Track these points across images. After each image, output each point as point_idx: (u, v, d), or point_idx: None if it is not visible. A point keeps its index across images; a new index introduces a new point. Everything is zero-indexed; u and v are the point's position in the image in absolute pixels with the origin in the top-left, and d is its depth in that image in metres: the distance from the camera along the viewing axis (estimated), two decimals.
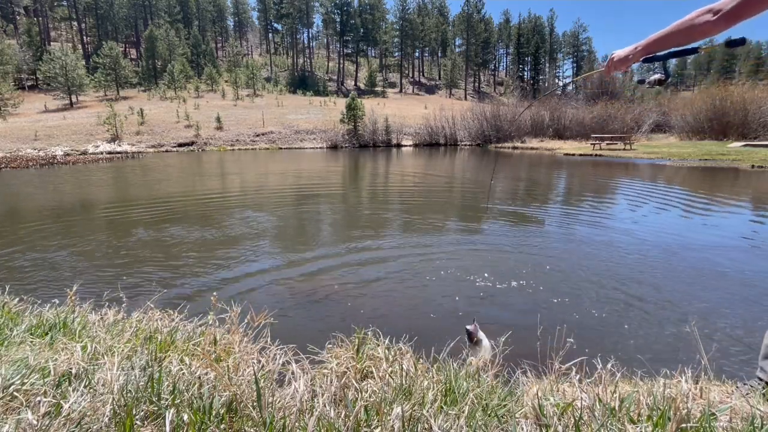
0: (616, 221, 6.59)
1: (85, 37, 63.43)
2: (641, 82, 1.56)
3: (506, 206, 8.16)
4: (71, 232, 6.10)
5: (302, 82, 65.46)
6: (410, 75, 78.71)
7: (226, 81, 57.04)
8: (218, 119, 34.23)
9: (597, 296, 3.53)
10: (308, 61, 75.43)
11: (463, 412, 1.17)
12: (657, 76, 1.45)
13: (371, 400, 1.22)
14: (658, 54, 1.38)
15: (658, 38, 1.33)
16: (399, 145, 33.73)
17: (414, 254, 4.76)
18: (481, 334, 2.54)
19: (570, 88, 76.25)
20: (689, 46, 1.31)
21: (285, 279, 3.95)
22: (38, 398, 1.13)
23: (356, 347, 1.70)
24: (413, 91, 71.15)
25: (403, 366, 1.49)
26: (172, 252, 4.98)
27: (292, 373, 1.41)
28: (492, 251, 4.92)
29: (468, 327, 2.56)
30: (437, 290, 3.65)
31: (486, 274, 4.01)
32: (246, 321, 2.08)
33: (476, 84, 78.59)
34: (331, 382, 1.37)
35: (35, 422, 1.02)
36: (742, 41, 1.27)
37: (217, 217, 7.16)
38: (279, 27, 78.12)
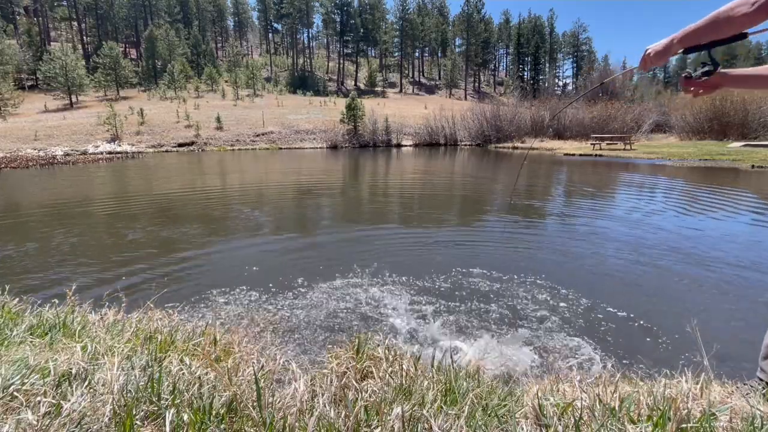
0: (616, 220, 6.59)
1: (85, 37, 63.41)
2: (688, 78, 1.40)
3: (510, 205, 8.16)
4: (71, 231, 6.10)
5: (302, 82, 65.42)
6: (410, 75, 78.68)
7: (226, 81, 57.01)
8: (218, 119, 34.21)
9: (596, 295, 3.53)
10: (308, 61, 75.40)
11: (463, 412, 1.17)
12: (705, 69, 1.33)
13: (371, 400, 1.22)
14: (700, 44, 1.27)
15: (695, 30, 1.25)
16: (399, 145, 33.73)
17: (414, 252, 4.76)
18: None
19: (570, 87, 76.22)
20: (736, 33, 1.19)
21: (286, 279, 3.95)
22: (38, 398, 1.13)
23: (356, 347, 1.70)
24: (413, 91, 71.13)
25: (403, 366, 1.49)
26: (171, 252, 4.98)
27: (292, 373, 1.41)
28: (489, 254, 4.92)
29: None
30: (438, 291, 3.65)
31: (483, 277, 4.01)
32: (246, 321, 2.08)
33: (476, 84, 78.58)
34: (331, 382, 1.37)
35: (35, 422, 1.02)
36: None
37: (217, 216, 7.17)
38: (279, 27, 78.12)
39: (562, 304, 3.36)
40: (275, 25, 78.67)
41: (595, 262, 4.50)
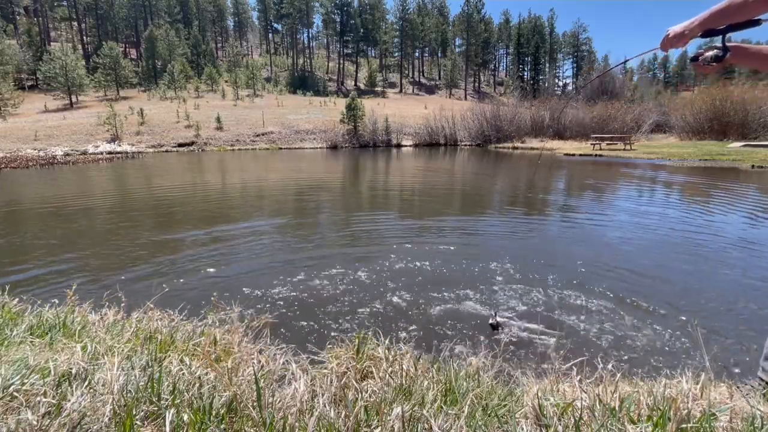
0: (616, 219, 6.59)
1: (85, 37, 63.41)
2: (695, 59, 1.38)
3: (507, 205, 8.16)
4: (71, 231, 6.10)
5: (302, 82, 65.41)
6: (410, 75, 78.69)
7: (226, 81, 57.00)
8: (218, 119, 34.22)
9: (597, 295, 3.53)
10: (308, 61, 75.39)
11: (463, 412, 1.17)
12: (714, 53, 1.31)
13: (371, 400, 1.22)
14: (716, 28, 1.27)
15: (713, 12, 1.24)
16: (399, 145, 33.73)
17: (413, 252, 4.75)
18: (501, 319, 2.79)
19: (570, 87, 76.26)
20: (751, 18, 1.20)
21: (285, 278, 3.95)
22: (38, 398, 1.13)
23: (356, 347, 1.70)
24: (413, 91, 71.14)
25: (403, 366, 1.49)
26: (172, 251, 4.97)
27: (292, 373, 1.41)
28: (490, 252, 4.92)
29: (491, 322, 2.76)
30: (438, 290, 3.64)
31: (485, 275, 4.01)
32: (246, 321, 2.08)
33: (476, 84, 78.57)
34: (331, 383, 1.37)
35: (35, 422, 1.02)
36: None
37: (217, 216, 7.16)
38: (279, 27, 78.17)
39: (560, 304, 3.35)
40: (275, 25, 78.70)
41: (593, 261, 4.50)
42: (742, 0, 1.16)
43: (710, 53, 1.32)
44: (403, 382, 1.37)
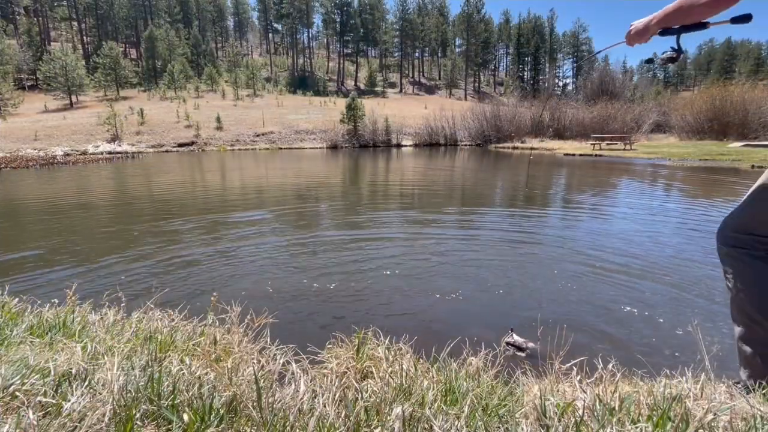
0: (616, 218, 6.58)
1: (85, 37, 63.50)
2: (649, 61, 1.47)
3: (506, 203, 8.15)
4: (71, 231, 6.10)
5: (302, 83, 65.49)
6: (410, 75, 78.74)
7: (226, 81, 57.08)
8: (218, 119, 34.25)
9: (598, 295, 3.53)
10: (308, 61, 75.45)
11: (463, 411, 1.17)
12: (667, 54, 1.37)
13: (371, 400, 1.22)
14: (672, 28, 1.31)
15: (670, 11, 1.27)
16: (399, 145, 33.76)
17: (415, 252, 4.75)
18: (530, 344, 2.64)
19: (570, 87, 76.36)
20: (699, 21, 1.24)
21: (285, 278, 3.95)
22: (38, 398, 1.13)
23: (356, 347, 1.70)
24: (413, 91, 71.18)
25: (403, 366, 1.49)
26: (172, 251, 4.97)
27: (292, 373, 1.41)
28: (491, 249, 4.92)
29: (508, 340, 2.64)
30: (438, 289, 3.64)
31: (484, 273, 4.01)
32: (246, 321, 2.08)
33: (476, 84, 78.60)
34: (331, 383, 1.37)
35: (35, 422, 1.02)
36: (747, 17, 1.20)
37: (217, 216, 7.16)
38: (279, 27, 78.25)
39: (561, 304, 3.35)
40: (275, 25, 78.78)
41: (594, 260, 4.50)
42: (692, 1, 1.18)
43: (664, 55, 1.38)
44: (403, 382, 1.37)
